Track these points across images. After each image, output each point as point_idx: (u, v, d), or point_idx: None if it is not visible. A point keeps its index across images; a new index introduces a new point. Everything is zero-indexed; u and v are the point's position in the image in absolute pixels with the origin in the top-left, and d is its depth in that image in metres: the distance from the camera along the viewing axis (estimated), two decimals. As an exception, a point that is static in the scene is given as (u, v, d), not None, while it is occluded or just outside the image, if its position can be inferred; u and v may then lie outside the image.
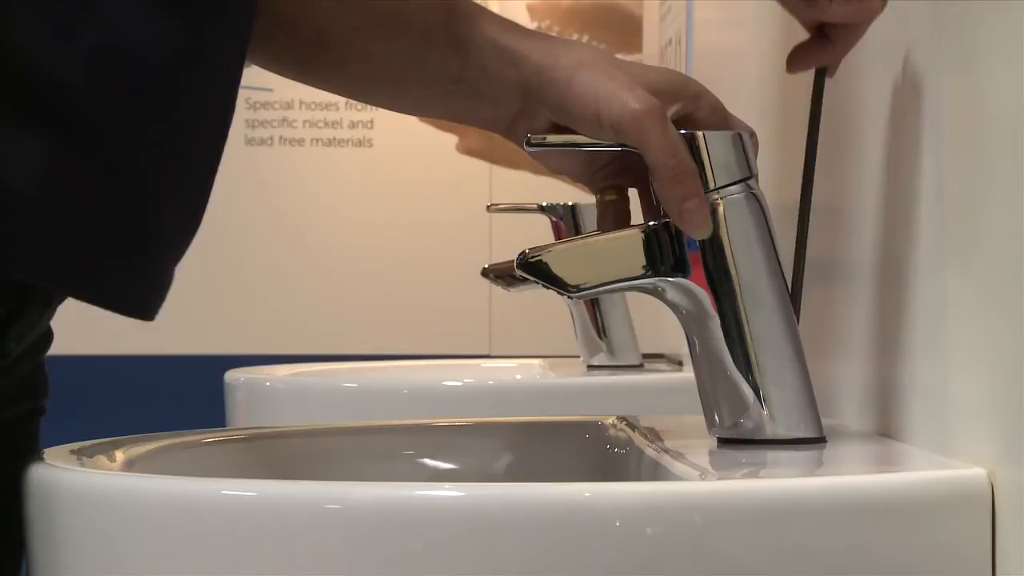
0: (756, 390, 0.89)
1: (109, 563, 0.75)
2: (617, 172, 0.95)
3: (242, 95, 0.90)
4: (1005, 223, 0.74)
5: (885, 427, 0.93)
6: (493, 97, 0.94)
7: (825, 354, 1.03)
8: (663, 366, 1.88)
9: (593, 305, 1.83)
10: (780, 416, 0.89)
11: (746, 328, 0.89)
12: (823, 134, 0.98)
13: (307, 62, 0.98)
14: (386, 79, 0.97)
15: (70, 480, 0.79)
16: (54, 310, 0.88)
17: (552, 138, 0.92)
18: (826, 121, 0.96)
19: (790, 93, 1.02)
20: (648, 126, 0.88)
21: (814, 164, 0.96)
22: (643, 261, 0.88)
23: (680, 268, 0.89)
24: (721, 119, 0.92)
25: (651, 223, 0.89)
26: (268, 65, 1.00)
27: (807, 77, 0.97)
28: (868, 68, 0.96)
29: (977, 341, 0.78)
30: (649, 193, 0.91)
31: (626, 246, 0.89)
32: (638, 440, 0.99)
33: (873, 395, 0.96)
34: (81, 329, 0.95)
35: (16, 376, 0.89)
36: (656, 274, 0.89)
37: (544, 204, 1.89)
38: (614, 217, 0.94)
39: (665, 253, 0.89)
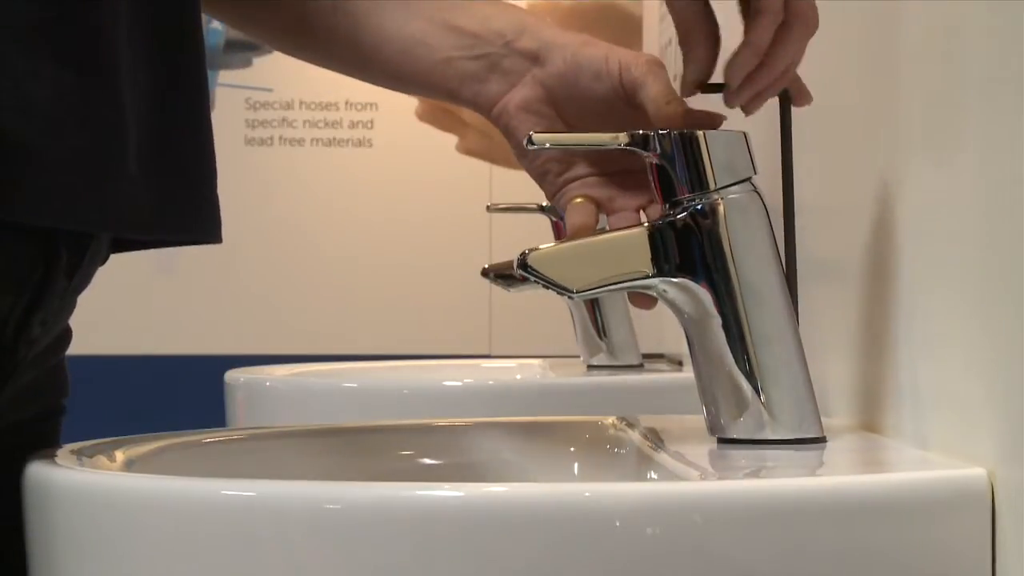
0: (756, 390, 0.88)
1: (109, 563, 0.75)
2: (594, 184, 0.96)
3: (242, 95, 0.93)
4: (1005, 221, 0.74)
5: (885, 427, 0.93)
6: (505, 68, 0.97)
7: (824, 353, 1.03)
8: (663, 366, 1.88)
9: (593, 305, 1.83)
10: (780, 416, 0.89)
11: (746, 328, 0.88)
12: (819, 133, 0.99)
13: (320, 34, 1.02)
14: (398, 48, 1.00)
15: (70, 480, 0.79)
16: (75, 301, 0.89)
17: (554, 136, 0.92)
18: (820, 119, 0.96)
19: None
20: (654, 68, 0.94)
21: (791, 165, 0.97)
22: (648, 260, 0.88)
23: (685, 268, 0.88)
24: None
25: (656, 222, 0.89)
26: (273, 40, 1.03)
27: (809, 79, 0.97)
28: (863, 68, 0.96)
29: (977, 340, 0.78)
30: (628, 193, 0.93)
31: (630, 245, 0.88)
32: (638, 440, 0.99)
33: (873, 395, 0.96)
34: (81, 329, 0.95)
35: (38, 372, 0.90)
36: (661, 273, 0.88)
37: (544, 204, 1.88)
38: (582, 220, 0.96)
39: (671, 252, 0.88)
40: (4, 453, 0.84)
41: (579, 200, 0.96)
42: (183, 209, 0.90)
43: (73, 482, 0.78)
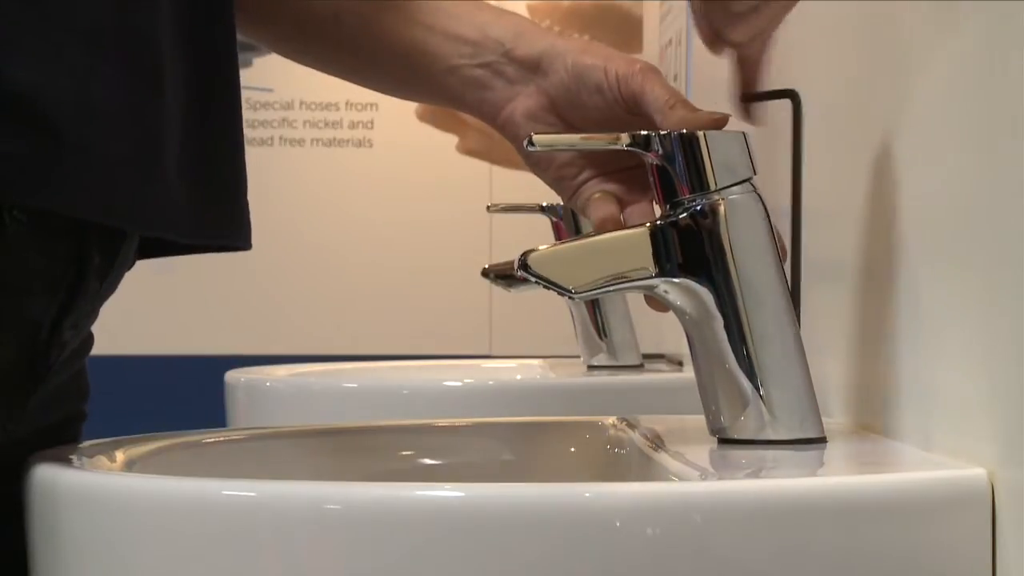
0: (757, 390, 0.88)
1: (109, 563, 0.75)
2: (609, 181, 0.97)
3: (242, 95, 0.93)
4: (1004, 221, 0.74)
5: (885, 427, 0.93)
6: (508, 76, 0.99)
7: (824, 353, 1.03)
8: (663, 366, 1.88)
9: (593, 305, 1.83)
10: (781, 416, 0.89)
11: (747, 328, 0.88)
12: (819, 133, 0.99)
13: (320, 40, 1.03)
14: (400, 56, 1.02)
15: (70, 480, 0.79)
16: (100, 307, 0.90)
17: (554, 138, 0.93)
18: (820, 119, 0.96)
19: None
20: (651, 76, 0.95)
21: (800, 166, 0.97)
22: (650, 260, 0.88)
23: (686, 269, 0.88)
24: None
25: (657, 222, 0.89)
26: (275, 45, 1.04)
27: (809, 81, 0.97)
28: (863, 67, 0.96)
29: (977, 340, 0.78)
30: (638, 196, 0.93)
31: (631, 246, 0.88)
32: (638, 440, 0.99)
33: (873, 395, 0.96)
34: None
35: (63, 377, 0.90)
36: (661, 274, 0.88)
37: (544, 204, 1.88)
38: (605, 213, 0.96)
39: (672, 253, 0.88)
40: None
41: (599, 195, 0.97)
42: (216, 213, 0.92)
43: (73, 482, 0.78)
